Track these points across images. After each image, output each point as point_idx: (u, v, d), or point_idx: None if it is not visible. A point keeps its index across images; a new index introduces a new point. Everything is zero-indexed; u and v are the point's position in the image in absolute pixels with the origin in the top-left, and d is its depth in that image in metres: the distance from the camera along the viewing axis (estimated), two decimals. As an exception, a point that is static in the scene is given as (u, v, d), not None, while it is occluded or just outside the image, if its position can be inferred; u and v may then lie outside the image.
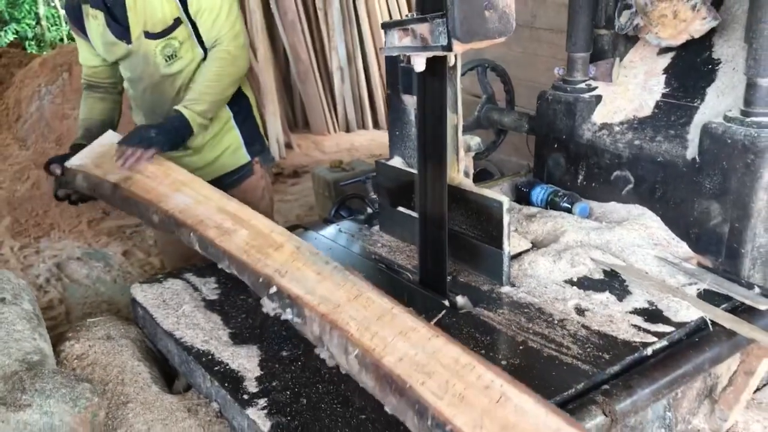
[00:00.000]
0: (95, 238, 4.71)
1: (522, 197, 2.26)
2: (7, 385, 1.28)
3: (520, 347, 1.50)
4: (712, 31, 1.98)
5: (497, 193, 1.67)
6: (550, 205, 2.16)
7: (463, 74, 2.55)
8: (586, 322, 1.59)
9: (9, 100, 5.92)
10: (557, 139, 2.23)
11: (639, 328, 1.56)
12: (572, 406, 1.32)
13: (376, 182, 2.10)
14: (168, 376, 1.69)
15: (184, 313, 1.68)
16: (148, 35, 2.03)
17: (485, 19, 1.40)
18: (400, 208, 1.95)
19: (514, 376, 1.16)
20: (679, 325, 1.57)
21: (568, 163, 2.21)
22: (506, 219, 1.63)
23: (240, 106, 2.27)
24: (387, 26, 1.55)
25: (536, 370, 1.42)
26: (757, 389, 2.05)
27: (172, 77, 2.11)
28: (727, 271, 1.85)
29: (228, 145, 2.27)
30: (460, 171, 1.75)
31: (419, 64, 1.52)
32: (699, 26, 1.93)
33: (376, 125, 6.74)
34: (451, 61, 1.58)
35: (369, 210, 2.23)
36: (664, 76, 2.11)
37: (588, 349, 1.48)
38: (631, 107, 2.11)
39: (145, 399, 1.45)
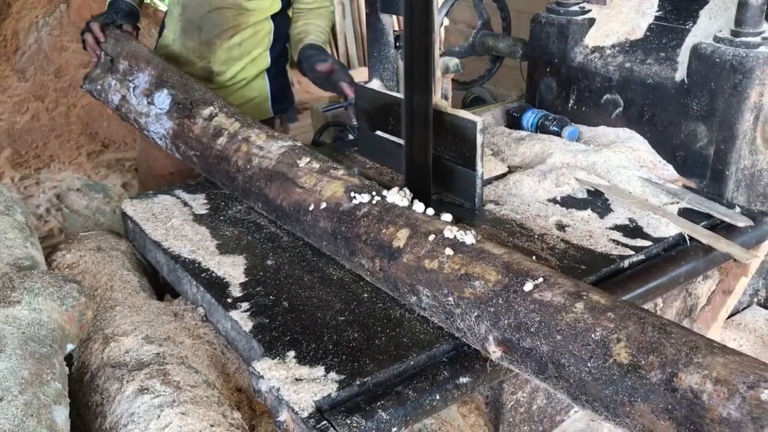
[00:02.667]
0: (95, 170, 4.74)
1: (513, 122, 2.27)
2: (1, 285, 1.32)
3: (500, 259, 1.53)
4: (707, -48, 1.95)
5: (471, 114, 1.67)
6: (540, 129, 2.16)
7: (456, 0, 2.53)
8: (566, 237, 1.62)
9: (6, 32, 5.86)
10: (549, 62, 2.22)
11: (617, 242, 1.59)
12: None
13: (356, 107, 2.09)
14: (157, 290, 1.73)
15: (172, 226, 1.71)
16: None
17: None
18: (379, 132, 1.94)
19: None
20: (657, 240, 1.60)
21: (560, 88, 2.21)
22: (479, 139, 1.64)
23: (278, 60, 2.34)
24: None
25: (513, 279, 1.46)
26: (737, 312, 2.09)
27: (246, 13, 2.18)
28: (711, 192, 1.86)
29: (255, 96, 2.32)
30: (436, 92, 1.75)
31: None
32: (694, -55, 1.90)
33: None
34: (437, -24, 1.57)
35: (350, 136, 2.23)
36: (659, -1, 2.09)
37: (566, 261, 1.52)
38: (623, 30, 2.09)
39: (132, 303, 1.49)
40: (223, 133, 1.77)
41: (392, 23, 2.09)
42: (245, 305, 1.40)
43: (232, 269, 1.52)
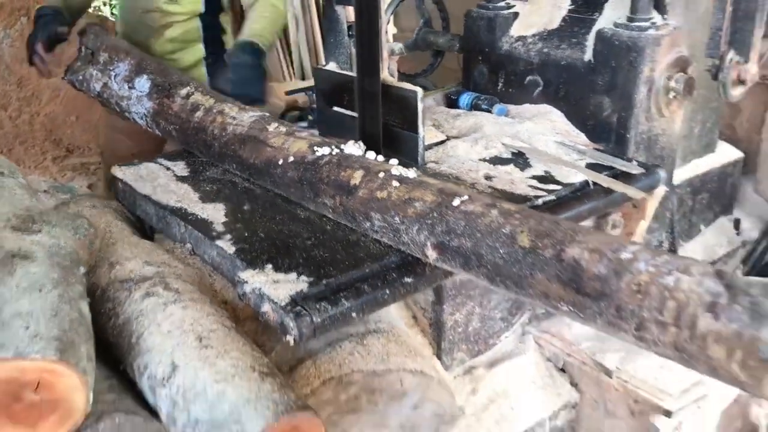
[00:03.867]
0: (60, 173, 4.94)
1: (451, 104, 2.60)
2: (19, 219, 1.58)
3: (438, 200, 1.86)
4: (611, -45, 2.33)
5: (413, 86, 2.00)
6: (474, 108, 2.50)
7: (402, 1, 2.88)
8: (492, 184, 1.95)
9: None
10: (481, 51, 2.57)
11: (534, 187, 1.93)
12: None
13: (315, 88, 2.37)
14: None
15: (159, 184, 1.99)
16: None
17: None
18: (336, 108, 2.25)
19: None
20: (566, 185, 1.94)
21: (490, 73, 2.56)
22: (420, 106, 1.96)
23: (216, 53, 2.63)
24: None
25: (449, 213, 1.78)
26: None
27: (169, 15, 2.51)
28: (614, 154, 2.22)
29: None
30: (384, 70, 2.07)
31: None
32: (595, -51, 2.27)
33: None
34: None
35: (310, 118, 2.53)
36: (572, -5, 2.46)
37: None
38: (542, 21, 2.46)
39: (130, 241, 1.76)
40: (200, 108, 2.05)
41: (345, 14, 2.40)
42: (227, 237, 1.69)
43: (214, 213, 1.81)
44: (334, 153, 1.73)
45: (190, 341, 1.33)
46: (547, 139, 2.22)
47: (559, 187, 1.93)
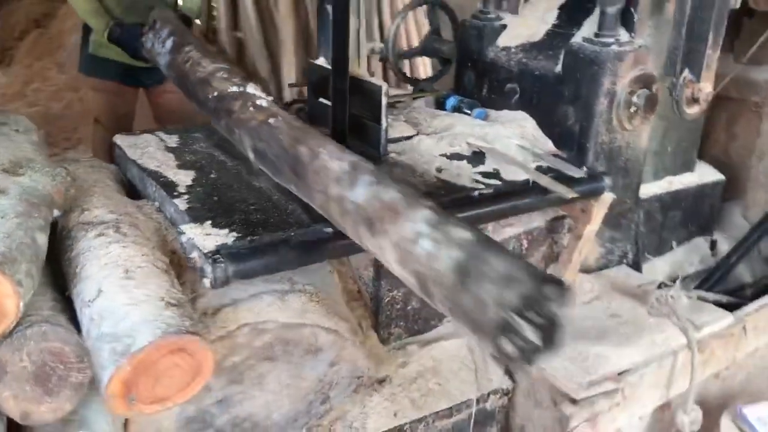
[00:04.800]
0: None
1: (440, 106, 2.77)
2: (11, 164, 1.86)
3: (383, 184, 2.04)
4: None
5: (378, 80, 2.19)
6: (456, 110, 2.66)
7: (413, 8, 3.07)
8: (440, 176, 2.12)
9: (53, 30, 6.58)
10: (470, 59, 2.73)
11: (477, 181, 2.08)
12: (402, 216, 1.85)
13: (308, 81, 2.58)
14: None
15: (147, 152, 2.25)
16: None
17: (369, -64, 1.91)
18: (321, 99, 2.46)
19: None
20: (507, 182, 2.09)
21: (477, 79, 2.72)
22: (384, 100, 2.15)
23: None
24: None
25: (386, 195, 1.96)
26: (606, 267, 2.55)
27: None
28: (576, 162, 2.34)
29: None
30: (360, 66, 2.27)
31: (326, -31, 2.04)
32: (576, -32, 2.41)
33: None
34: (355, -28, 2.10)
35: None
36: (558, 11, 2.59)
37: (429, 189, 2.01)
38: (526, 34, 2.60)
39: (107, 195, 2.01)
40: (190, 60, 2.31)
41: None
42: (185, 197, 1.92)
43: (184, 177, 2.05)
44: (238, 90, 1.99)
45: (118, 273, 1.56)
46: (511, 142, 2.36)
47: (499, 183, 2.08)
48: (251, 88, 1.98)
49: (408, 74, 3.25)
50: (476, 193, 2.02)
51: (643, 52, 2.27)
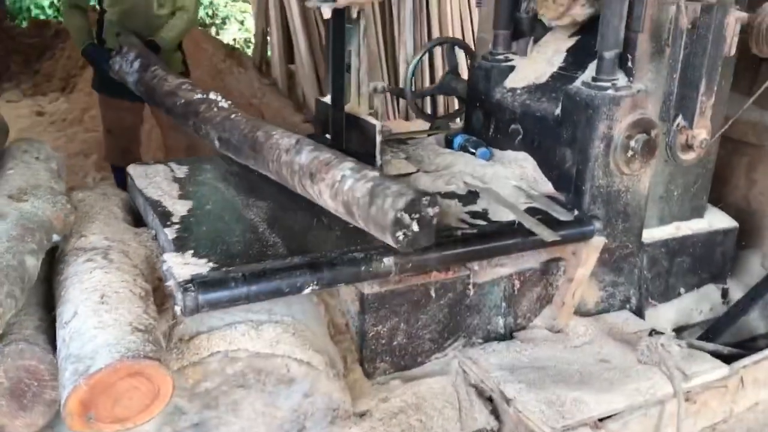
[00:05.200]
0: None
1: (448, 144, 2.82)
2: (18, 191, 1.99)
3: (369, 221, 2.09)
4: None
5: (374, 119, 2.25)
6: (462, 149, 2.70)
7: (432, 48, 3.14)
8: (428, 214, 2.15)
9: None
10: (478, 99, 2.77)
11: (463, 221, 2.11)
12: (380, 251, 1.89)
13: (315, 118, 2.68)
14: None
15: (154, 181, 2.36)
16: None
17: (360, -18, 2.00)
18: (327, 135, 2.54)
19: (354, 232, 1.92)
20: (493, 223, 2.11)
21: (484, 119, 2.75)
22: (378, 138, 2.21)
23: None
24: (308, -14, 2.17)
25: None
26: (607, 312, 2.52)
27: (156, 17, 3.55)
28: (573, 204, 2.34)
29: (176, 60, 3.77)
30: (361, 104, 2.34)
31: (326, 12, 2.13)
32: (580, 11, 2.43)
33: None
34: (354, 15, 2.19)
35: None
36: (566, 53, 2.61)
37: (413, 226, 2.05)
38: (533, 76, 2.63)
39: (108, 222, 2.13)
40: (157, 77, 2.80)
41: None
42: (176, 226, 2.01)
43: (180, 207, 2.15)
44: (202, 97, 2.42)
45: (95, 297, 1.65)
46: (508, 182, 2.38)
47: (484, 223, 2.10)
48: (213, 95, 2.43)
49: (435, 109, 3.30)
50: (459, 232, 2.04)
51: (642, 96, 2.26)
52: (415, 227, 1.70)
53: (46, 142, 2.59)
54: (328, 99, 2.60)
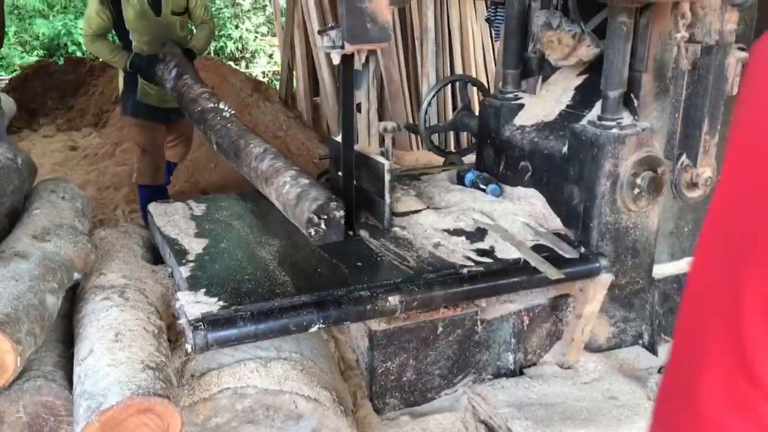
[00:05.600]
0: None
1: (460, 180, 2.87)
2: (41, 230, 2.09)
3: (378, 257, 2.15)
4: (607, 58, 2.51)
5: (383, 158, 2.31)
6: (473, 185, 2.75)
7: (444, 86, 3.21)
8: (435, 251, 2.20)
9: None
10: (489, 136, 2.82)
11: (469, 258, 2.15)
12: (386, 290, 1.95)
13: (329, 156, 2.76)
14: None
15: (173, 219, 2.45)
16: (174, 13, 3.83)
17: (367, 30, 2.07)
18: (340, 173, 2.61)
19: (361, 270, 2.01)
20: (499, 260, 2.15)
21: (495, 156, 2.80)
22: (387, 177, 2.26)
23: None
24: (320, 32, 2.25)
25: (377, 268, 2.07)
26: (618, 347, 2.53)
27: (179, 37, 3.89)
28: (581, 241, 2.37)
29: None
30: (371, 144, 2.41)
31: (335, 58, 2.21)
32: (586, 51, 2.48)
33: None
34: (362, 59, 2.27)
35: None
36: (574, 92, 2.66)
37: (420, 264, 2.10)
38: (542, 114, 2.68)
39: (127, 260, 2.22)
40: (186, 84, 3.13)
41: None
42: (191, 265, 2.09)
43: (196, 245, 2.23)
44: (213, 106, 2.80)
45: (110, 335, 1.73)
46: (516, 219, 2.42)
47: (490, 261, 2.14)
48: (221, 105, 2.86)
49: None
50: (465, 270, 2.09)
51: (647, 135, 2.30)
52: (323, 226, 2.09)
53: (74, 181, 2.72)
54: (339, 138, 2.68)
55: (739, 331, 0.63)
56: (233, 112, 2.72)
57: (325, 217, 2.09)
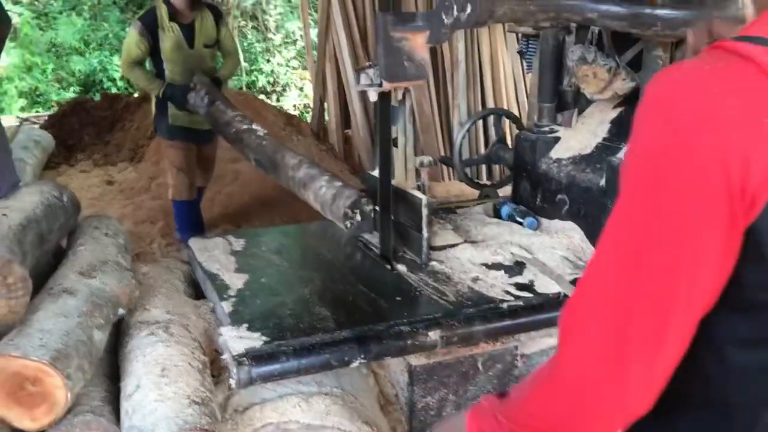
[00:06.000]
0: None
1: (496, 213, 2.88)
2: (88, 267, 2.14)
3: (417, 292, 2.16)
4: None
5: (420, 194, 2.33)
6: (510, 219, 2.76)
7: (479, 119, 3.23)
8: (474, 286, 2.20)
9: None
10: (525, 169, 2.84)
11: (508, 293, 2.15)
12: (426, 324, 1.95)
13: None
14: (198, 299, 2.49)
15: (213, 255, 2.49)
16: (206, 45, 4.04)
17: (405, 68, 2.11)
18: (376, 207, 2.63)
19: (401, 305, 2.03)
20: (539, 294, 2.14)
21: (531, 189, 2.81)
22: (424, 212, 2.28)
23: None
24: (357, 70, 2.30)
25: (417, 302, 2.08)
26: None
27: (208, 67, 4.09)
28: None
29: None
30: (409, 179, 2.43)
31: (372, 95, 2.25)
32: (621, 85, 2.49)
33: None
34: (399, 96, 2.30)
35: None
36: (610, 124, 2.67)
37: (459, 299, 2.11)
38: (578, 147, 2.68)
39: (170, 295, 2.25)
40: (219, 109, 3.39)
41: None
42: (233, 300, 2.12)
43: (237, 280, 2.26)
44: (247, 127, 3.10)
45: (156, 371, 1.76)
46: (555, 252, 2.42)
47: (530, 296, 2.14)
48: (255, 126, 3.15)
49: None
50: (505, 305, 2.08)
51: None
52: (358, 217, 2.27)
53: (111, 215, 2.78)
54: (375, 173, 2.71)
55: None
56: (266, 131, 2.97)
57: (358, 210, 2.26)
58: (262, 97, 10.29)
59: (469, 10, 1.82)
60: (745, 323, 0.80)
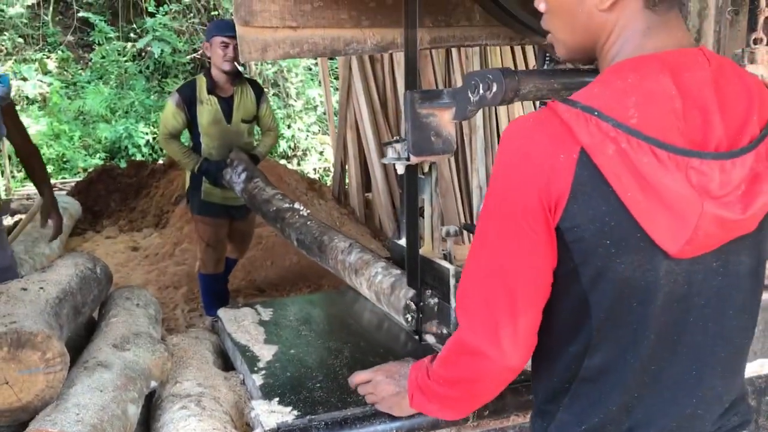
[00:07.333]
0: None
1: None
2: (121, 339, 2.17)
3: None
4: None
5: (447, 263, 2.36)
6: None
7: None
8: (503, 356, 2.20)
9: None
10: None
11: (538, 364, 2.15)
12: (456, 398, 1.95)
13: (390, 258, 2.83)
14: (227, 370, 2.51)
15: (242, 325, 2.52)
16: (244, 121, 4.16)
17: (432, 142, 2.17)
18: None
19: None
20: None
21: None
22: (452, 281, 2.30)
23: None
24: (384, 144, 2.36)
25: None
26: None
27: (245, 143, 4.24)
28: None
29: None
30: (435, 248, 2.46)
31: (400, 168, 2.31)
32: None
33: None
34: (426, 168, 2.35)
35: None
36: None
37: (489, 370, 2.10)
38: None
39: (200, 367, 2.27)
40: (257, 187, 3.41)
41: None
42: (263, 372, 2.13)
43: (266, 352, 2.28)
44: (289, 206, 3.08)
45: (190, 445, 1.77)
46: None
47: (559, 367, 2.13)
48: (297, 205, 3.15)
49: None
50: (534, 376, 2.08)
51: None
52: (416, 312, 2.26)
53: (135, 281, 2.82)
54: (402, 242, 2.75)
55: None
56: (309, 211, 2.99)
57: (420, 302, 2.26)
58: (282, 161, 10.49)
59: (495, 89, 1.87)
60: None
